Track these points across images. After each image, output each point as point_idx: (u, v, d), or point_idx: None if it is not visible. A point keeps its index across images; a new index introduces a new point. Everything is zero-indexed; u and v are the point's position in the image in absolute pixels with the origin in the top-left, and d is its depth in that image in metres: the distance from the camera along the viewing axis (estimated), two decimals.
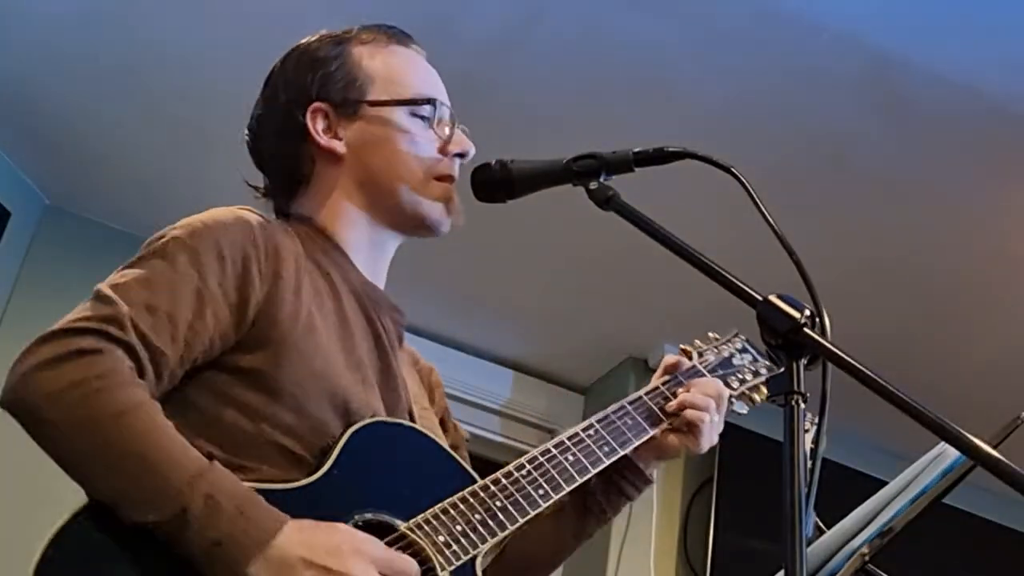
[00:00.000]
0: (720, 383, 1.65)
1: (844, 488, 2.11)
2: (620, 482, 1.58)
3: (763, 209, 1.29)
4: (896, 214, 3.21)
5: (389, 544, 1.25)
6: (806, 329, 1.12)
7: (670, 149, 1.39)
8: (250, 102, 1.59)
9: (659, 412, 1.58)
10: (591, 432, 1.51)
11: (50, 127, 3.31)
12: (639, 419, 1.56)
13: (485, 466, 1.43)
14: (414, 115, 1.53)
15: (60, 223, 3.58)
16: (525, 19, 2.74)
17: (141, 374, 1.22)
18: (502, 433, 4.08)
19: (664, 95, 2.90)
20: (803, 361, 1.12)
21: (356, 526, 1.25)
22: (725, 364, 1.73)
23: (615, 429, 1.53)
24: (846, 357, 1.09)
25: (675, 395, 1.60)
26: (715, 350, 1.75)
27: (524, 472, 1.42)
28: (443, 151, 1.54)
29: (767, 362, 1.77)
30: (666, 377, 1.66)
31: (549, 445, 1.47)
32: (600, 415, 1.54)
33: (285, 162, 1.52)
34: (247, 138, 1.58)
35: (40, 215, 3.59)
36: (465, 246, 3.49)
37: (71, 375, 1.17)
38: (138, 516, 1.14)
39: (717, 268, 1.24)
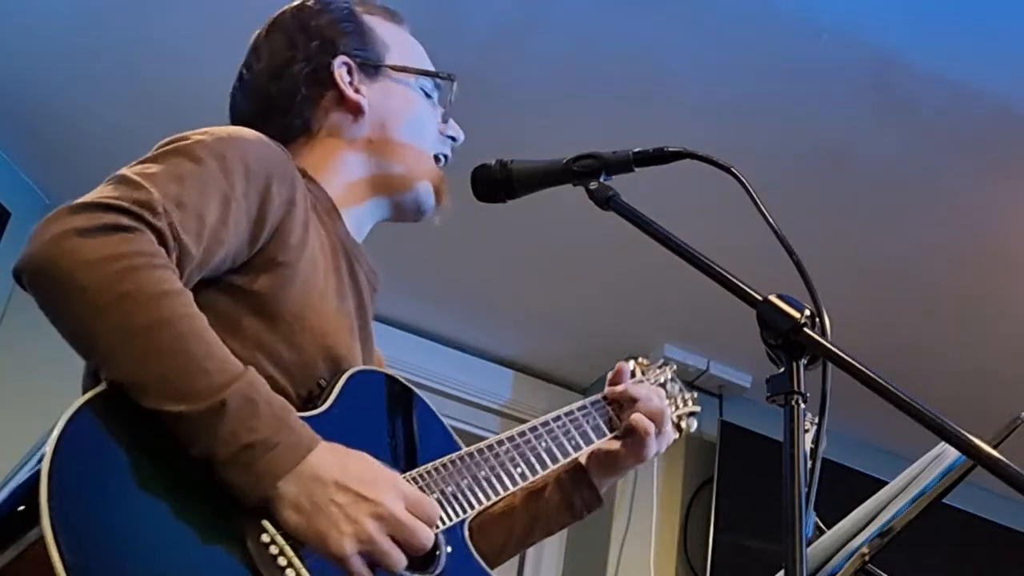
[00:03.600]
0: (663, 397, 1.70)
1: (844, 488, 2.11)
2: (574, 498, 1.62)
3: (763, 209, 1.29)
4: (896, 214, 3.21)
5: None
6: (806, 329, 1.11)
7: (670, 149, 1.39)
8: None
9: (614, 418, 1.64)
10: (560, 424, 1.55)
11: (50, 127, 3.31)
12: (600, 421, 1.62)
13: None
14: (422, 89, 1.57)
15: None
16: (525, 18, 2.74)
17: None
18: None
19: (664, 95, 2.90)
20: (803, 361, 1.12)
21: None
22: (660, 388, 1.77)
23: (579, 426, 1.58)
24: (846, 357, 1.09)
25: (623, 405, 1.66)
26: (653, 373, 1.80)
27: (504, 448, 1.44)
28: (441, 130, 1.58)
29: (694, 395, 1.84)
30: (617, 387, 1.70)
31: (524, 428, 1.51)
32: (566, 410, 1.59)
33: (301, 107, 1.49)
34: (246, 77, 1.53)
35: (40, 215, 3.56)
36: (465, 246, 3.49)
37: (110, 247, 1.08)
38: (166, 404, 1.06)
39: (717, 268, 1.24)
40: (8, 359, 3.32)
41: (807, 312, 1.13)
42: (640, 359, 1.81)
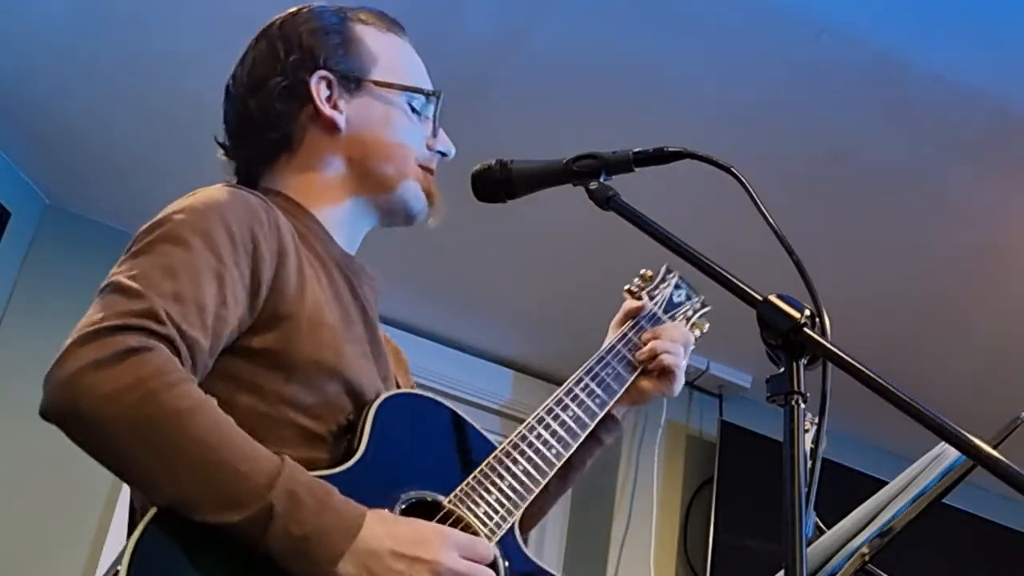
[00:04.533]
0: (685, 328, 1.73)
1: (844, 488, 2.11)
2: (596, 430, 1.60)
3: (763, 209, 1.29)
4: (896, 214, 3.21)
5: (440, 522, 1.26)
6: (806, 329, 1.11)
7: (670, 149, 1.39)
8: None
9: (633, 359, 1.65)
10: (582, 386, 1.56)
11: (50, 127, 3.31)
12: (619, 369, 1.63)
13: None
14: (410, 104, 1.53)
15: (60, 223, 3.58)
16: (524, 19, 2.74)
17: (184, 366, 1.17)
18: (502, 433, 4.07)
19: (664, 95, 2.90)
20: (803, 361, 1.12)
21: (404, 506, 1.26)
22: (671, 305, 1.79)
23: (601, 381, 1.59)
24: (846, 357, 1.09)
25: (643, 341, 1.67)
26: (659, 290, 1.81)
27: (536, 434, 1.45)
28: (430, 145, 1.55)
29: (701, 296, 1.84)
30: (629, 323, 1.72)
31: (550, 403, 1.51)
32: (586, 367, 1.60)
33: (278, 123, 1.47)
34: (231, 89, 1.52)
35: (40, 215, 3.59)
36: (465, 246, 3.49)
37: (126, 375, 1.10)
38: (216, 517, 1.10)
39: (717, 268, 1.24)
40: (8, 359, 3.31)
41: (807, 312, 1.13)
42: (644, 272, 1.82)
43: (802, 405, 1.10)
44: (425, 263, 3.61)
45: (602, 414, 1.55)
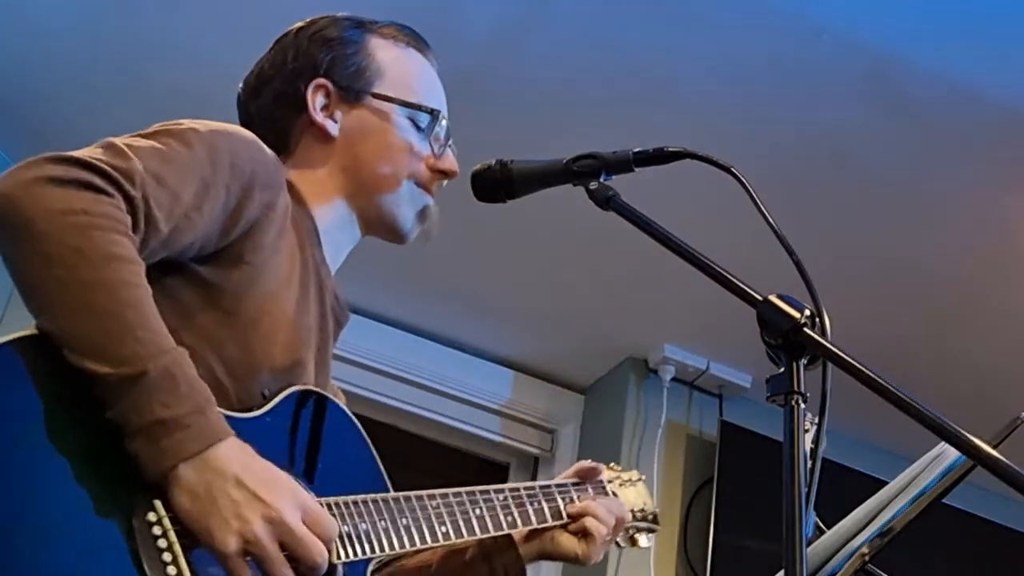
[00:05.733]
0: (625, 509, 1.69)
1: (844, 488, 2.11)
2: (496, 566, 1.58)
3: (763, 209, 1.29)
4: (896, 214, 3.21)
5: None
6: (806, 329, 1.11)
7: (670, 149, 1.39)
8: None
9: (561, 509, 1.61)
10: (502, 497, 1.52)
11: (50, 127, 3.31)
12: (544, 508, 1.58)
13: (485, 466, 1.44)
14: (412, 120, 1.53)
15: None
16: (525, 18, 2.74)
17: (134, 233, 1.16)
18: (502, 433, 4.08)
19: (664, 95, 2.90)
20: (803, 361, 1.12)
21: None
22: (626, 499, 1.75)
23: (521, 505, 1.55)
24: (846, 357, 1.09)
25: (580, 500, 1.64)
26: (624, 483, 1.78)
27: (435, 503, 1.41)
28: (431, 165, 1.54)
29: (656, 511, 1.82)
30: (575, 480, 1.68)
31: (464, 490, 1.47)
32: (513, 486, 1.56)
33: (274, 126, 1.50)
34: (240, 91, 1.56)
35: None
36: (465, 246, 3.49)
37: (76, 201, 1.09)
38: (90, 363, 1.06)
39: (717, 268, 1.24)
40: None
41: (807, 312, 1.13)
42: (614, 465, 1.79)
43: (802, 405, 1.10)
44: (425, 263, 3.61)
45: (497, 533, 1.50)
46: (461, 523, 1.43)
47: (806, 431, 1.11)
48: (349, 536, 1.25)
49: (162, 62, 2.99)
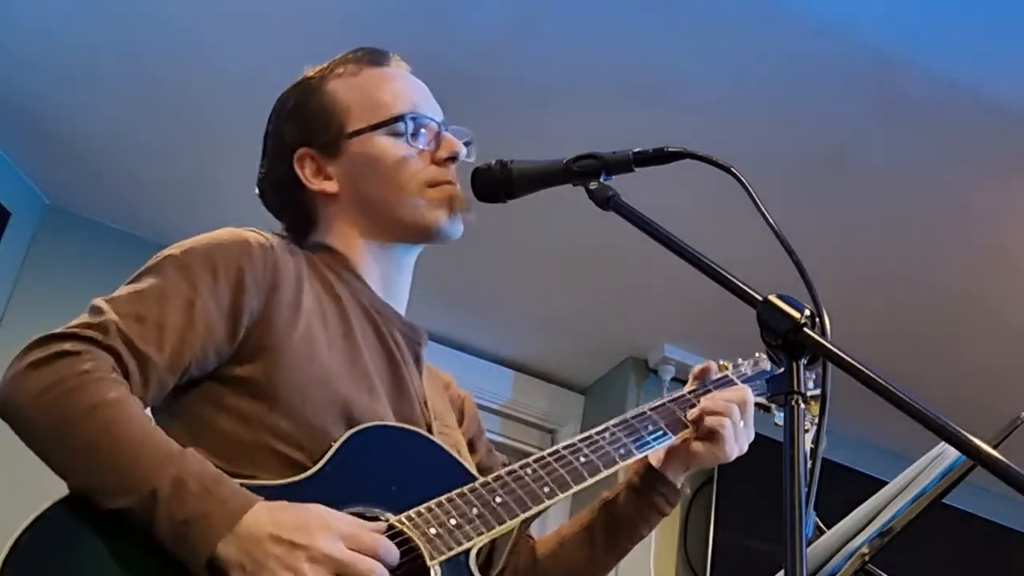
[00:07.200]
0: (747, 389, 1.63)
1: (844, 488, 2.11)
2: (652, 496, 1.57)
3: (763, 209, 1.29)
4: (896, 214, 3.21)
5: None
6: (806, 329, 1.11)
7: (670, 149, 1.39)
8: (251, 101, 1.60)
9: (683, 419, 1.56)
10: (606, 435, 1.50)
11: (50, 127, 3.31)
12: (661, 425, 1.54)
13: None
14: (394, 134, 1.54)
15: (60, 223, 3.58)
16: (524, 18, 2.74)
17: (126, 377, 1.25)
18: (502, 433, 4.08)
19: (664, 95, 2.90)
20: (803, 361, 1.12)
21: None
22: (761, 374, 1.72)
23: (633, 432, 1.51)
24: (846, 357, 1.09)
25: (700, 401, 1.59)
26: (751, 363, 1.74)
27: (529, 470, 1.41)
28: (432, 160, 1.55)
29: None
30: (694, 385, 1.65)
31: (559, 446, 1.47)
32: (618, 419, 1.53)
33: (289, 210, 1.58)
34: (257, 194, 1.63)
35: (40, 215, 3.59)
36: (465, 246, 3.48)
37: (50, 376, 1.21)
38: (112, 503, 1.16)
39: (717, 268, 1.24)
40: (8, 359, 3.31)
41: (807, 312, 1.13)
42: (723, 363, 1.73)
43: (802, 405, 1.10)
44: (425, 263, 3.61)
45: (622, 464, 1.47)
46: (566, 475, 1.42)
47: (806, 431, 1.11)
48: (438, 535, 1.29)
49: (163, 62, 2.98)
